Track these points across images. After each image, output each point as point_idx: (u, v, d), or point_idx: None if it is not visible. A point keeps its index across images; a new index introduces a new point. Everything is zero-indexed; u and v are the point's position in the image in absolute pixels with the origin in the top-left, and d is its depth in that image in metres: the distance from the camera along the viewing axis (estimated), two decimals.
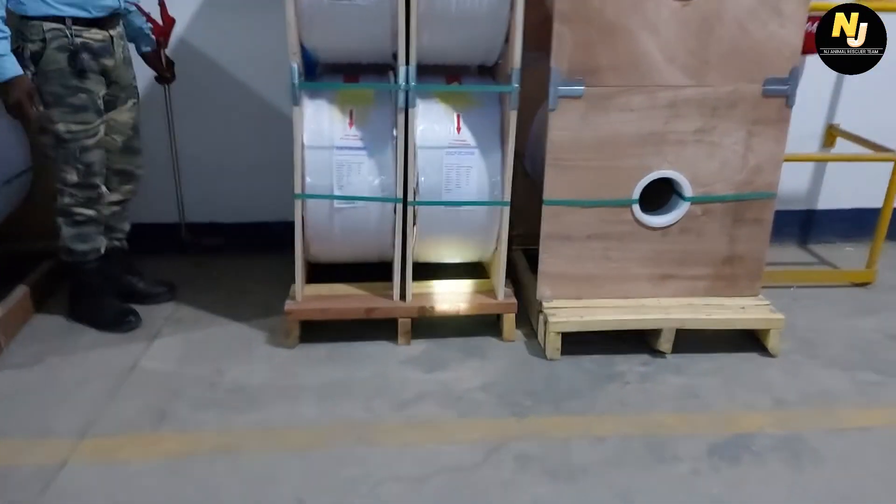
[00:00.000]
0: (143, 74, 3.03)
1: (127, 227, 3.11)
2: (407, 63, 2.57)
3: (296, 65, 2.53)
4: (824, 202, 3.97)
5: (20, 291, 2.97)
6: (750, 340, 2.92)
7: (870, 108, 3.67)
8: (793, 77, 2.69)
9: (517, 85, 2.62)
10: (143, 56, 3.01)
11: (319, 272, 3.05)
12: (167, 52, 3.02)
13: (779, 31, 2.63)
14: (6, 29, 2.37)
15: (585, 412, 2.49)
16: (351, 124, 2.74)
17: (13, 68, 2.40)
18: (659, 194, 2.89)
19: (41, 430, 2.35)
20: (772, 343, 2.84)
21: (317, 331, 2.93)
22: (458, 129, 2.78)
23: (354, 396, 2.55)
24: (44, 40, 2.50)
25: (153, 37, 2.94)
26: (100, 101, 2.68)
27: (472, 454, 2.26)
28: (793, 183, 3.85)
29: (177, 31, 3.19)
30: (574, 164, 2.73)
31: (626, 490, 2.12)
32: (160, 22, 3.02)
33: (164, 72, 3.03)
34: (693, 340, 2.88)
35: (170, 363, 2.74)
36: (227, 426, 2.39)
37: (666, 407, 2.53)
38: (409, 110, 2.64)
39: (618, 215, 2.81)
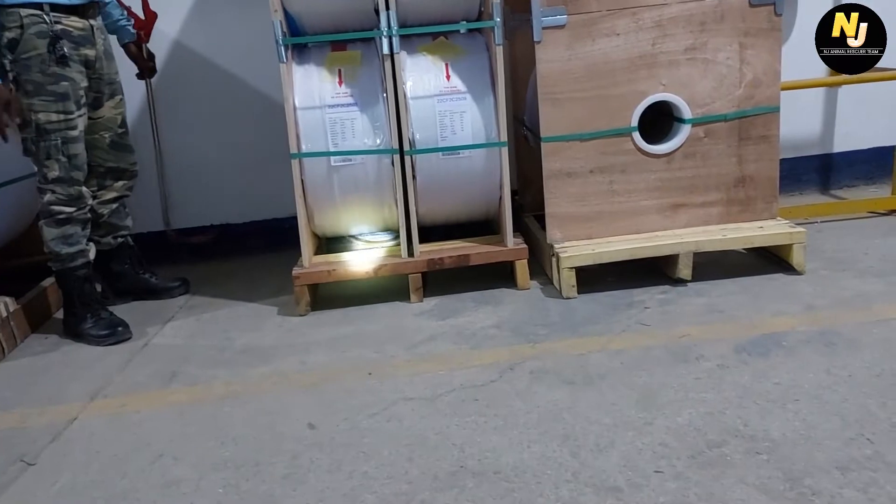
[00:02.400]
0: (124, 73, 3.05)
1: (129, 223, 3.11)
2: (387, 8, 2.60)
3: (278, 21, 2.59)
4: (840, 145, 3.86)
5: (38, 289, 3.00)
6: (774, 263, 2.80)
7: None
8: None
9: (498, 19, 2.64)
10: (125, 48, 2.99)
11: (330, 250, 3.04)
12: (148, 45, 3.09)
13: None
14: None
15: (603, 333, 2.39)
16: (340, 83, 2.77)
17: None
18: (660, 125, 2.84)
19: (53, 398, 2.33)
20: (796, 259, 2.72)
21: (329, 299, 2.91)
22: (448, 76, 2.79)
23: (366, 344, 2.49)
24: (21, 27, 2.46)
25: (132, 30, 2.97)
26: (81, 92, 2.63)
27: (485, 374, 2.17)
28: (804, 127, 3.78)
29: (168, 29, 3.31)
30: (567, 96, 2.70)
31: (648, 387, 2.00)
32: (141, 16, 3.11)
33: (146, 64, 3.06)
34: (714, 268, 2.79)
35: (181, 338, 2.72)
36: (236, 378, 2.34)
37: (688, 321, 2.41)
38: (395, 56, 2.65)
39: (618, 146, 2.76)
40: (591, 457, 1.71)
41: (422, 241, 2.86)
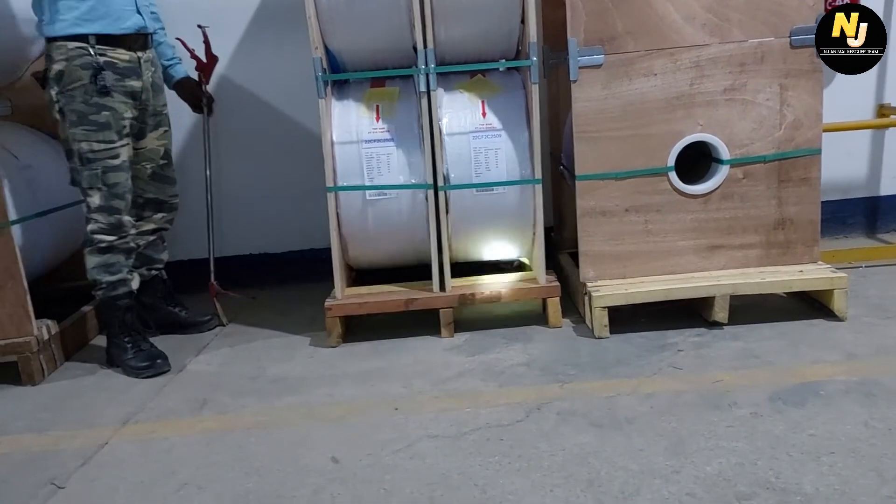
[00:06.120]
0: (177, 106, 3.12)
1: (165, 257, 3.14)
2: (425, 46, 2.64)
3: (319, 57, 2.65)
4: (889, 187, 3.76)
5: (80, 313, 3.07)
6: (815, 308, 2.73)
7: None
8: None
9: (535, 58, 2.66)
10: (176, 86, 3.06)
11: (364, 283, 3.07)
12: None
13: None
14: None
15: (634, 376, 2.34)
16: (377, 118, 2.82)
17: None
18: (697, 165, 2.82)
19: (87, 422, 2.38)
20: (838, 305, 2.64)
21: (360, 331, 2.93)
22: (484, 114, 2.81)
23: (394, 378, 2.49)
24: (67, 59, 2.54)
25: (173, 74, 3.03)
26: (124, 122, 2.66)
27: (512, 414, 2.15)
28: (850, 169, 3.70)
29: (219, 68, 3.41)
30: (602, 134, 2.70)
31: (677, 434, 1.96)
32: (203, 59, 3.22)
33: (202, 98, 3.13)
34: (752, 312, 2.73)
35: (214, 366, 2.76)
36: (265, 408, 2.36)
37: (722, 366, 2.36)
38: (432, 94, 2.69)
39: (654, 185, 2.74)
40: None
41: (455, 276, 2.87)
